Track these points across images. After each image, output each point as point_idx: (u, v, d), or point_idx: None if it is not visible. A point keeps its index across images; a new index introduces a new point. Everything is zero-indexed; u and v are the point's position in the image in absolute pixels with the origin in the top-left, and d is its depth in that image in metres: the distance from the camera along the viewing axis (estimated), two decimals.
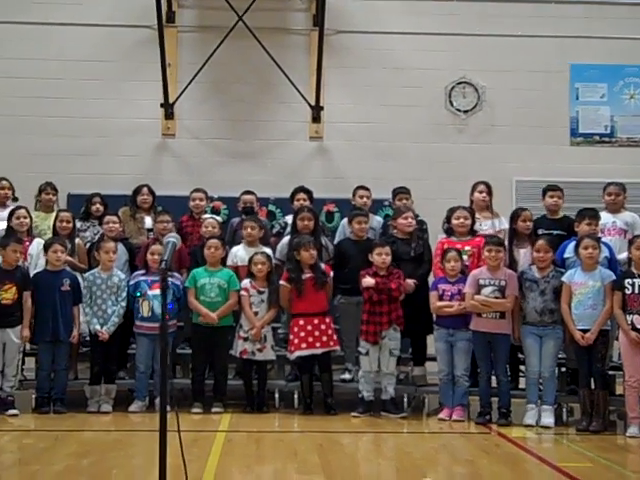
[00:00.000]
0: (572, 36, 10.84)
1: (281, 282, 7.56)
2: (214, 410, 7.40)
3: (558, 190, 8.05)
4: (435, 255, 7.76)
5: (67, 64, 10.62)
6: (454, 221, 7.75)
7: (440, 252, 7.61)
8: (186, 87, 10.47)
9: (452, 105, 10.87)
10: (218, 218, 8.58)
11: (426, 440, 6.86)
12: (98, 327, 7.44)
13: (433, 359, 7.72)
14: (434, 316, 7.56)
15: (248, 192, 8.76)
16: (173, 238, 4.55)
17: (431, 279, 7.76)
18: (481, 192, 8.09)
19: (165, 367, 4.33)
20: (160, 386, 4.39)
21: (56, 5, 10.72)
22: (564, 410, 7.41)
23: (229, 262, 7.87)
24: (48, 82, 10.57)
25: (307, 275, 7.49)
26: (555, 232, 7.75)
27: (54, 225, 8.01)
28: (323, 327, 7.43)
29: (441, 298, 7.39)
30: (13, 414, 7.15)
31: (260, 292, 7.57)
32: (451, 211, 7.81)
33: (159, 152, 10.79)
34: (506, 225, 7.89)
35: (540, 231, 7.73)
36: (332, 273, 7.62)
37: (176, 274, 7.61)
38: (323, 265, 7.62)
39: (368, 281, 7.36)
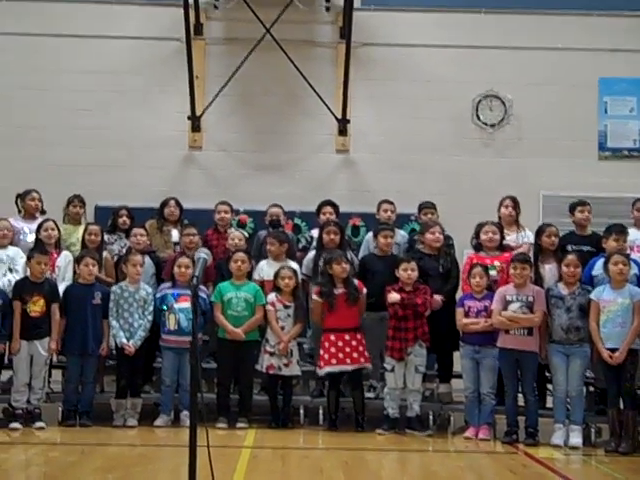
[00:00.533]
0: (601, 49, 10.77)
1: (313, 296, 7.55)
2: (239, 425, 7.39)
3: (587, 205, 8.00)
4: (463, 271, 7.71)
5: (96, 76, 10.71)
6: (483, 236, 7.71)
7: (468, 268, 7.57)
8: (213, 100, 10.51)
9: (479, 118, 10.83)
10: (243, 232, 8.59)
11: (452, 459, 6.82)
12: (125, 340, 7.45)
13: (459, 376, 7.66)
14: (460, 333, 7.50)
15: (275, 205, 8.75)
16: (204, 254, 4.56)
17: (459, 295, 7.71)
18: (507, 207, 8.06)
19: (196, 382, 4.36)
20: (190, 401, 4.41)
21: (85, 19, 10.84)
22: (592, 430, 7.30)
23: (255, 277, 7.86)
24: (77, 94, 10.66)
25: (339, 290, 7.47)
26: (585, 248, 7.69)
27: (83, 238, 8.04)
28: (354, 343, 7.39)
29: (467, 314, 7.35)
30: (40, 427, 7.19)
31: (286, 307, 7.56)
32: (480, 226, 7.77)
33: (186, 165, 10.84)
34: (531, 238, 7.84)
35: (569, 247, 7.67)
36: (365, 290, 7.57)
37: (202, 287, 7.61)
38: (356, 280, 7.58)
39: (394, 297, 7.33)
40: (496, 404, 7.26)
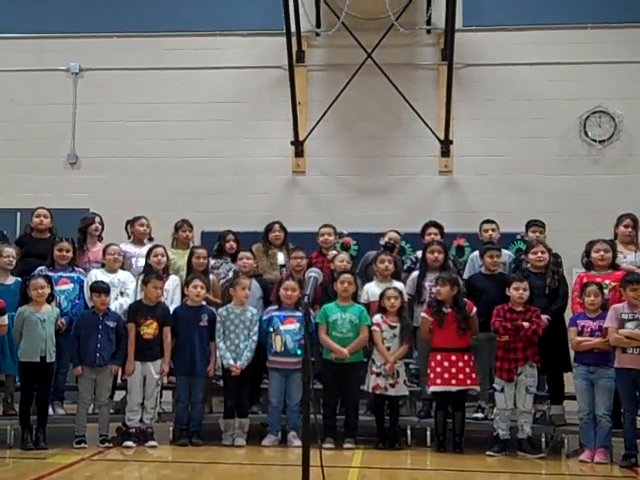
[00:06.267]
0: None
1: (422, 314, 7.49)
2: (346, 446, 7.36)
3: None
4: (573, 290, 7.50)
5: (202, 106, 11.05)
6: (594, 254, 7.49)
7: (579, 287, 7.35)
8: (316, 125, 10.64)
9: (587, 135, 10.57)
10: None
11: None
12: (231, 362, 7.53)
13: (571, 397, 7.42)
14: (572, 353, 7.27)
15: (395, 231, 8.75)
16: (315, 273, 4.56)
17: (569, 314, 7.49)
18: (627, 226, 7.81)
19: (308, 402, 4.32)
20: (303, 421, 4.39)
21: (191, 50, 11.22)
22: None
23: (362, 299, 7.84)
24: (184, 124, 11.02)
25: (448, 310, 7.39)
26: None
27: (189, 261, 8.21)
28: (461, 364, 7.28)
29: (580, 334, 7.12)
30: (152, 445, 7.34)
31: (392, 327, 7.52)
32: (590, 244, 7.56)
33: (290, 189, 10.99)
34: None
35: None
36: (475, 309, 7.46)
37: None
38: (465, 299, 7.48)
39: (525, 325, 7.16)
40: (612, 426, 6.97)
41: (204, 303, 7.81)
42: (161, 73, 11.20)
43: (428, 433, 7.50)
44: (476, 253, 8.22)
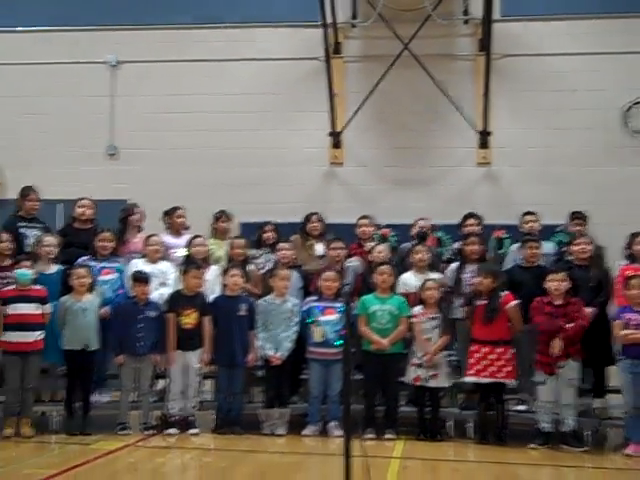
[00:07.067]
0: None
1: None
2: (387, 436, 7.35)
3: None
4: (616, 282, 7.41)
5: (239, 98, 11.10)
6: (636, 246, 7.39)
7: (622, 279, 7.26)
8: (353, 116, 10.64)
9: (628, 126, 10.44)
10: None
11: (612, 476, 6.52)
12: (271, 352, 7.56)
13: (614, 391, 7.34)
14: (617, 346, 7.19)
15: (424, 218, 8.75)
16: (355, 263, 4.56)
17: (613, 307, 7.40)
18: None
19: (348, 392, 4.34)
20: (344, 411, 4.40)
21: (228, 42, 11.26)
22: None
23: (399, 290, 7.82)
24: (222, 115, 11.06)
25: (482, 302, 7.34)
26: None
27: (228, 252, 8.24)
28: (492, 357, 7.23)
29: (626, 328, 7.02)
30: (194, 433, 7.39)
31: (432, 318, 7.49)
32: (633, 236, 7.48)
33: (327, 180, 11.00)
34: None
35: None
36: (516, 301, 7.39)
37: None
38: (505, 292, 7.42)
39: (556, 345, 7.06)
40: None
41: (243, 293, 7.83)
42: (199, 65, 11.26)
43: (470, 425, 7.47)
44: (516, 245, 8.16)
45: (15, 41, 11.66)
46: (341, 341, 7.46)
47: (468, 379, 7.28)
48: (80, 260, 7.77)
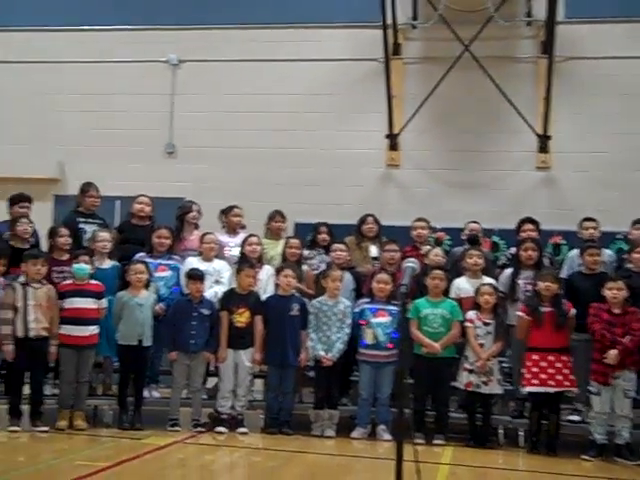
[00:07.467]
0: None
1: (518, 313, 7.34)
2: (436, 442, 7.28)
3: None
4: None
5: (298, 98, 11.13)
6: None
7: None
8: (410, 118, 10.58)
9: None
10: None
11: None
12: (322, 353, 7.55)
13: None
14: None
15: (474, 222, 8.64)
16: (412, 263, 4.53)
17: None
18: None
19: (403, 395, 4.31)
20: (397, 415, 4.37)
21: (287, 42, 11.30)
22: None
23: (452, 295, 7.75)
24: (281, 115, 11.10)
25: (546, 309, 7.22)
26: None
27: (283, 251, 8.26)
28: (558, 365, 7.09)
29: None
30: (243, 432, 7.43)
31: (486, 324, 7.40)
32: None
33: (383, 182, 10.96)
34: None
35: None
36: (574, 310, 7.26)
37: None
38: (565, 301, 7.29)
39: (612, 356, 6.93)
40: None
41: (295, 293, 7.84)
42: (258, 65, 11.32)
43: (521, 433, 7.36)
44: (575, 251, 8.02)
45: (78, 39, 11.88)
46: (392, 343, 7.45)
47: (532, 389, 7.11)
48: (137, 256, 7.87)
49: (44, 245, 8.02)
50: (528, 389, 7.16)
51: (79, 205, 8.52)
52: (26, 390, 7.27)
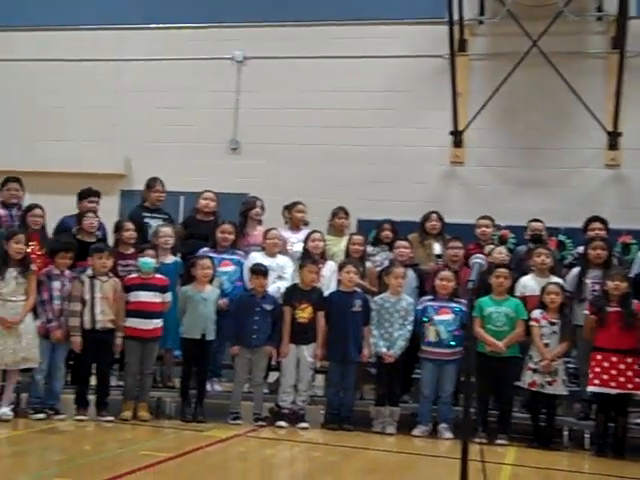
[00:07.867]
0: None
1: (585, 312, 7.20)
2: (499, 442, 7.19)
3: None
4: None
5: (363, 94, 11.12)
6: None
7: None
8: (476, 115, 10.47)
9: None
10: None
11: None
12: (384, 350, 7.52)
13: None
14: None
15: (536, 220, 8.52)
16: (480, 259, 4.48)
17: None
18: None
19: (469, 394, 4.26)
20: (464, 413, 4.31)
21: (353, 39, 11.30)
22: None
23: (517, 293, 7.64)
24: (343, 112, 11.09)
25: (613, 309, 7.06)
26: None
27: (347, 248, 8.24)
28: (622, 367, 6.93)
29: None
30: (304, 427, 7.44)
31: (552, 323, 7.27)
32: None
33: (447, 179, 10.87)
34: None
35: None
36: None
37: (463, 300, 7.51)
38: (635, 301, 7.12)
39: None
40: None
41: (358, 289, 7.82)
42: (323, 61, 11.34)
43: (586, 435, 7.21)
44: None
45: (145, 38, 12.08)
46: (455, 341, 7.39)
47: (593, 389, 6.98)
48: (201, 251, 7.95)
49: (111, 239, 8.15)
50: (590, 389, 7.02)
51: (145, 200, 8.65)
52: (92, 381, 7.41)
